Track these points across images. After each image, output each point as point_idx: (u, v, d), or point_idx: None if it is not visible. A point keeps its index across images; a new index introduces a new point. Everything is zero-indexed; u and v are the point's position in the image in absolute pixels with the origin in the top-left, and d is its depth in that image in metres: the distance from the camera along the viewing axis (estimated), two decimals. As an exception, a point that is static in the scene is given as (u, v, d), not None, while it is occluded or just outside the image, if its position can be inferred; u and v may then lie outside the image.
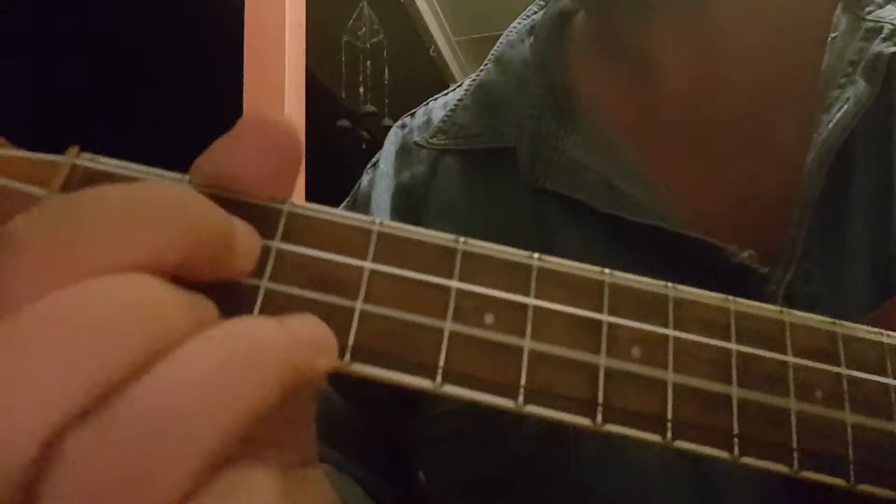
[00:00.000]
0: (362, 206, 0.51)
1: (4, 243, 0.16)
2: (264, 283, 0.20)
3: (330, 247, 0.21)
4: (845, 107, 0.38)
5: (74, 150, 0.20)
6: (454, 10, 2.79)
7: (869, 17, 0.40)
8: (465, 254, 0.21)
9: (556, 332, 0.21)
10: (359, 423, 0.46)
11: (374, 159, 0.54)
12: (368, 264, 0.20)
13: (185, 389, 0.16)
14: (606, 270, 0.23)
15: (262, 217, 0.21)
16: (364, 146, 2.56)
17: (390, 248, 0.21)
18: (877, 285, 0.36)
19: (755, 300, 0.36)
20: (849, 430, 0.23)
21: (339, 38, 2.41)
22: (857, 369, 0.24)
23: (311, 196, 1.50)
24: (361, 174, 0.54)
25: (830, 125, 0.38)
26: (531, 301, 0.21)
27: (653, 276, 0.39)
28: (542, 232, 0.43)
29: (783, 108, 0.42)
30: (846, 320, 0.36)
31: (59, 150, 0.21)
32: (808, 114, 0.40)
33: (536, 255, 0.22)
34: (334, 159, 2.25)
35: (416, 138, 0.50)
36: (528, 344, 0.20)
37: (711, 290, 0.37)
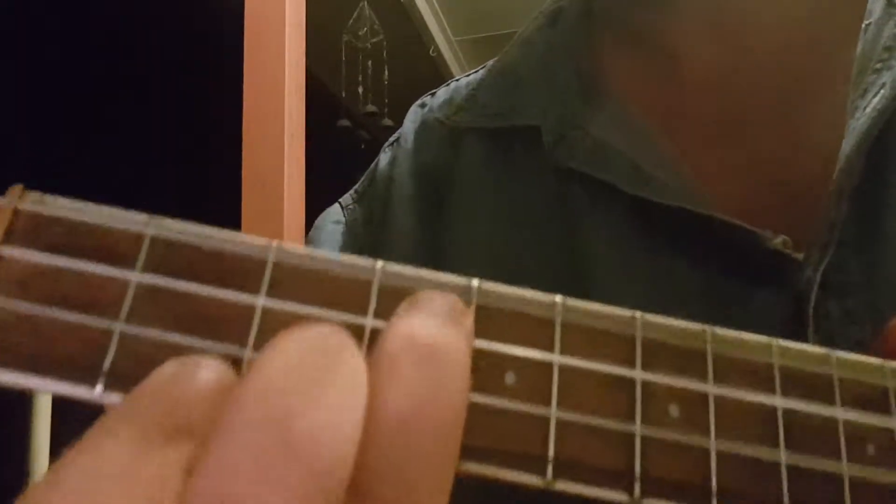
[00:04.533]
0: (381, 185, 0.49)
1: None
2: (248, 353, 0.17)
3: (325, 301, 0.18)
4: (882, 91, 0.36)
5: (17, 189, 0.17)
6: (454, 10, 2.77)
7: None
8: (481, 300, 0.19)
9: (586, 392, 0.18)
10: None
11: (392, 137, 0.52)
12: (370, 321, 0.18)
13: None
14: (637, 314, 0.20)
15: (242, 268, 0.18)
16: (364, 146, 2.55)
17: (393, 298, 0.18)
18: None
19: (788, 288, 0.36)
20: None
21: (339, 38, 2.39)
22: None
23: (311, 196, 1.48)
24: (361, 174, 0.52)
25: (868, 109, 0.36)
26: (557, 357, 0.18)
27: (681, 261, 0.38)
28: (567, 213, 0.42)
29: (814, 94, 0.41)
30: (881, 311, 0.34)
31: (61, 149, 0.18)
32: (841, 99, 0.38)
33: (559, 298, 0.20)
34: (334, 159, 2.23)
35: (438, 115, 0.49)
36: (554, 409, 0.18)
37: (742, 276, 0.36)
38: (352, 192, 0.51)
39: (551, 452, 0.17)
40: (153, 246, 0.17)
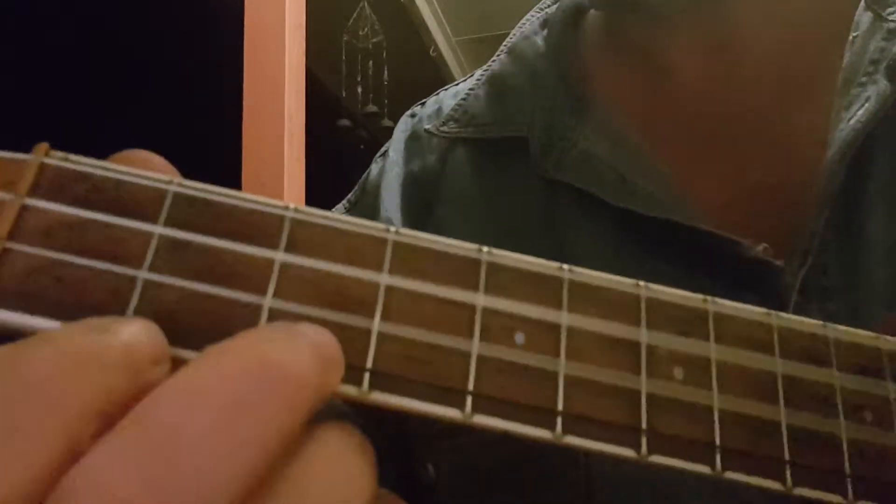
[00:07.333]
0: (371, 195, 0.50)
1: None
2: (268, 301, 0.17)
3: (341, 259, 0.18)
4: (867, 105, 0.37)
5: (43, 147, 0.18)
6: (454, 10, 2.77)
7: (891, 17, 0.40)
8: (490, 265, 0.19)
9: (593, 352, 0.19)
10: (354, 413, 0.45)
11: (383, 148, 0.53)
12: (385, 278, 0.18)
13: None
14: (641, 283, 0.21)
15: (262, 225, 0.18)
16: (364, 146, 2.56)
17: (408, 259, 0.19)
18: (895, 282, 0.36)
19: (769, 293, 0.36)
20: None
21: (339, 38, 2.40)
22: None
23: (311, 196, 1.48)
24: (361, 174, 0.53)
25: (851, 121, 0.37)
26: (564, 319, 0.19)
27: (666, 270, 0.39)
28: (554, 224, 0.42)
29: (800, 105, 0.41)
30: (863, 313, 0.35)
31: (61, 150, 0.18)
32: (826, 111, 0.39)
33: (566, 266, 0.20)
34: (334, 159, 2.23)
35: (427, 126, 0.49)
36: (563, 366, 0.18)
37: (726, 282, 0.37)
38: (344, 201, 0.52)
39: (560, 408, 0.18)
40: (175, 202, 0.18)
